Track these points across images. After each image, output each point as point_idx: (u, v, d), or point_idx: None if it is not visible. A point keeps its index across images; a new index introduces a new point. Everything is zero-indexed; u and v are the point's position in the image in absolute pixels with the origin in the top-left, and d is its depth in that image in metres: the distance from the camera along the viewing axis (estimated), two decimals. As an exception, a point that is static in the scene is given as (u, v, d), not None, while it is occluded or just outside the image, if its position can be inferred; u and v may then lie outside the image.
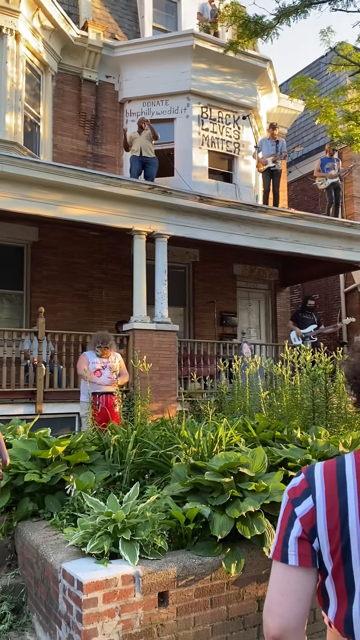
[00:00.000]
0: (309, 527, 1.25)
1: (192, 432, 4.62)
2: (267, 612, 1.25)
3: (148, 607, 3.05)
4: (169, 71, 11.43)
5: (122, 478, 4.50)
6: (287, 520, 1.29)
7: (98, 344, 6.79)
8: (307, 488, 1.29)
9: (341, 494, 1.24)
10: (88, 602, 2.88)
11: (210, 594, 3.27)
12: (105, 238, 10.56)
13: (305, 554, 1.24)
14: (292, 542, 1.25)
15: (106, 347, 6.77)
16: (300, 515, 1.27)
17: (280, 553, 1.27)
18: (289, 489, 1.33)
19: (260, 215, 9.64)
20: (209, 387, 8.73)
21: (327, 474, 1.28)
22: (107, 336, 6.99)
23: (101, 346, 6.75)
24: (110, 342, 6.91)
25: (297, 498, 1.29)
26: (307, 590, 1.24)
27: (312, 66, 16.85)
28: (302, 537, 1.25)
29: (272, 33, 9.55)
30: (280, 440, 4.93)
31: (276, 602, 1.24)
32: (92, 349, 6.91)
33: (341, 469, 1.28)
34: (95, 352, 6.81)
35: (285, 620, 1.22)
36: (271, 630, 1.23)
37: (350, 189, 14.14)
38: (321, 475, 1.29)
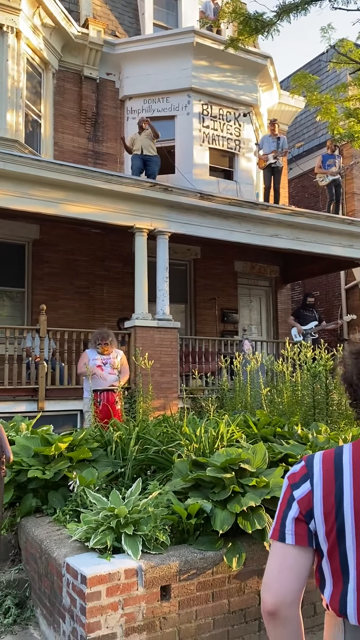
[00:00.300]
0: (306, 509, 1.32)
1: (194, 429, 4.66)
2: (264, 588, 1.31)
3: (151, 601, 3.10)
4: (170, 68, 11.44)
5: (124, 474, 4.54)
6: (285, 502, 1.36)
7: (98, 341, 6.84)
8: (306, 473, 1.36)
9: (337, 479, 1.31)
10: (92, 596, 2.92)
11: (212, 588, 3.32)
12: (106, 235, 10.60)
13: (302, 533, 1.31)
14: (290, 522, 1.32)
15: (106, 343, 6.80)
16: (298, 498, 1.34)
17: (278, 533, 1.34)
18: (289, 474, 1.40)
19: (261, 212, 9.66)
20: (210, 384, 8.77)
21: (325, 461, 1.35)
22: (106, 333, 7.02)
23: (101, 343, 6.79)
24: (110, 338, 6.94)
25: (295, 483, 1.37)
26: (302, 568, 1.30)
27: (313, 63, 16.84)
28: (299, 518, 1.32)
29: (272, 30, 9.55)
30: (281, 437, 4.97)
31: (273, 579, 1.30)
32: (93, 346, 6.95)
33: (339, 457, 1.35)
34: (96, 349, 6.86)
35: (281, 596, 1.28)
36: (267, 605, 1.29)
37: (350, 185, 14.16)
38: (320, 462, 1.36)
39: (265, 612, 1.30)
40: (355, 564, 1.26)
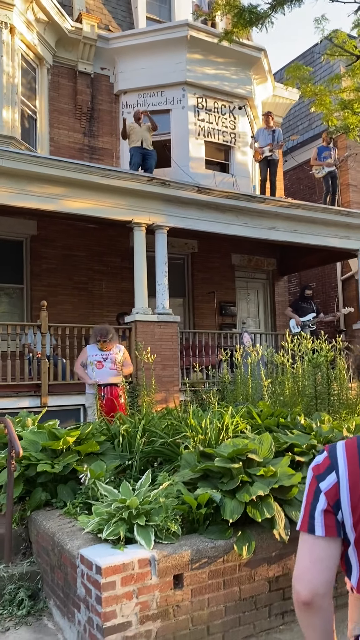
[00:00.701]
0: (334, 501, 1.36)
1: (199, 421, 4.72)
2: (297, 580, 1.35)
3: (164, 589, 3.16)
4: (164, 62, 11.43)
5: (132, 467, 4.60)
6: (312, 494, 1.40)
7: (98, 338, 6.85)
8: (330, 465, 1.39)
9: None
10: (107, 586, 2.98)
11: (223, 576, 3.39)
12: (104, 230, 10.61)
13: (331, 524, 1.35)
14: (319, 515, 1.36)
15: (105, 340, 6.82)
16: (324, 490, 1.37)
17: (307, 525, 1.38)
18: (313, 466, 1.43)
19: (258, 205, 9.70)
20: (211, 377, 8.84)
21: (349, 451, 1.39)
22: (106, 329, 7.02)
23: (100, 339, 6.80)
24: (110, 335, 6.94)
25: (321, 474, 1.40)
26: (333, 558, 1.35)
27: (306, 54, 16.83)
28: (328, 509, 1.36)
29: (267, 22, 9.54)
30: (284, 427, 5.04)
31: (306, 570, 1.34)
32: (94, 342, 6.98)
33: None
34: (97, 345, 6.89)
35: (315, 586, 1.32)
36: (302, 596, 1.33)
37: (345, 177, 14.20)
38: (343, 453, 1.39)
39: (299, 602, 1.34)
40: None
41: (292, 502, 3.66)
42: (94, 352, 6.82)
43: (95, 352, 6.80)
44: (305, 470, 4.04)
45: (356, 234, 10.98)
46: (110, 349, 6.84)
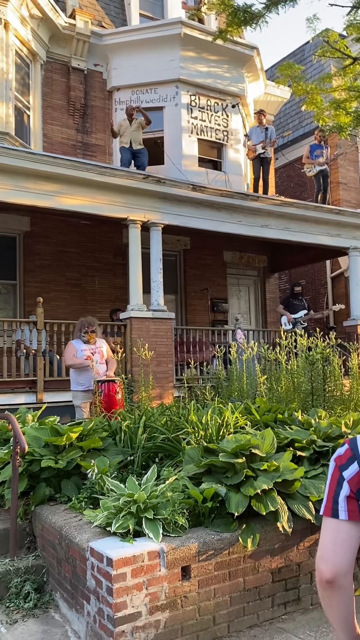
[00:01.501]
0: (357, 488, 1.46)
1: (199, 417, 4.80)
2: (320, 560, 1.46)
3: (172, 581, 3.25)
4: (158, 59, 11.46)
5: (134, 462, 4.67)
6: (335, 482, 1.51)
7: (85, 329, 6.83)
8: (352, 455, 1.50)
9: None
10: (118, 577, 3.06)
11: (229, 567, 3.48)
12: (97, 227, 10.64)
13: (354, 509, 1.45)
14: (342, 501, 1.47)
15: (92, 330, 6.84)
16: (347, 478, 1.48)
17: (330, 510, 1.48)
18: (335, 457, 1.55)
19: (251, 203, 9.80)
20: (205, 373, 8.93)
21: None
22: (92, 320, 7.03)
23: (87, 331, 6.80)
24: (95, 325, 6.98)
25: (343, 464, 1.51)
26: (355, 540, 1.46)
27: (297, 52, 16.94)
28: (351, 496, 1.46)
29: (261, 21, 9.62)
30: (282, 423, 5.14)
31: (330, 551, 1.45)
32: (78, 336, 6.93)
33: None
34: (82, 338, 6.84)
35: (338, 566, 1.43)
36: (325, 574, 1.44)
37: (335, 175, 14.34)
38: None
39: (323, 581, 1.44)
40: None
41: (295, 495, 3.76)
42: (80, 346, 6.79)
43: (83, 347, 6.78)
44: (306, 465, 4.14)
45: (347, 232, 11.13)
46: (94, 342, 6.85)
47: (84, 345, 6.80)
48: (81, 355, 6.70)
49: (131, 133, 10.19)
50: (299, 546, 3.80)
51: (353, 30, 10.39)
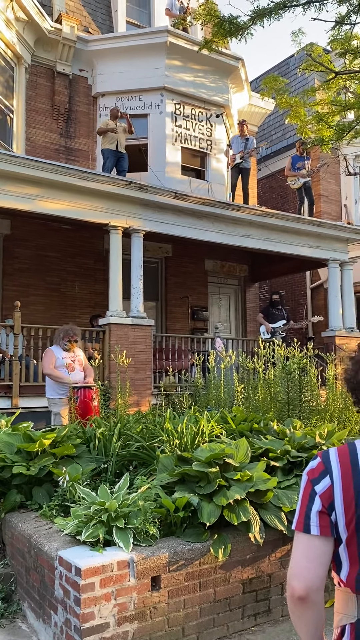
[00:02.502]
0: (328, 503, 1.45)
1: (175, 425, 4.77)
2: (292, 576, 1.45)
3: (142, 591, 3.21)
4: (143, 67, 11.49)
5: (107, 470, 4.63)
6: (307, 497, 1.49)
7: (68, 337, 6.74)
8: (324, 469, 1.49)
9: (355, 473, 1.45)
10: (86, 587, 3.01)
11: (199, 578, 3.45)
12: (78, 232, 10.59)
13: (325, 525, 1.44)
14: (314, 516, 1.45)
15: (76, 340, 6.78)
16: (319, 492, 1.47)
17: (303, 525, 1.47)
18: (308, 470, 1.53)
19: (233, 213, 9.84)
20: (183, 381, 8.91)
21: (341, 457, 1.49)
22: (77, 328, 6.98)
23: (71, 340, 6.74)
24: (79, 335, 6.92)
25: (315, 478, 1.49)
26: (326, 556, 1.45)
27: (282, 65, 17.13)
28: (322, 511, 1.45)
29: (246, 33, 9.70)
30: (258, 432, 5.14)
31: (302, 567, 1.44)
32: (58, 343, 6.82)
33: (354, 453, 1.49)
34: (63, 346, 6.74)
35: (310, 582, 1.42)
36: (298, 591, 1.42)
37: (317, 187, 14.49)
38: (336, 458, 1.49)
39: (295, 598, 1.43)
40: None
41: (267, 506, 3.75)
42: (61, 354, 6.68)
43: (63, 354, 6.69)
44: (280, 475, 4.14)
45: (327, 244, 11.23)
46: (73, 351, 6.78)
47: (64, 353, 6.70)
48: (61, 363, 6.59)
49: (118, 136, 10.19)
50: (270, 557, 3.79)
51: (337, 45, 10.53)
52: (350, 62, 11.04)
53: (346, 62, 11.12)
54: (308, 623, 1.44)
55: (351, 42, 10.64)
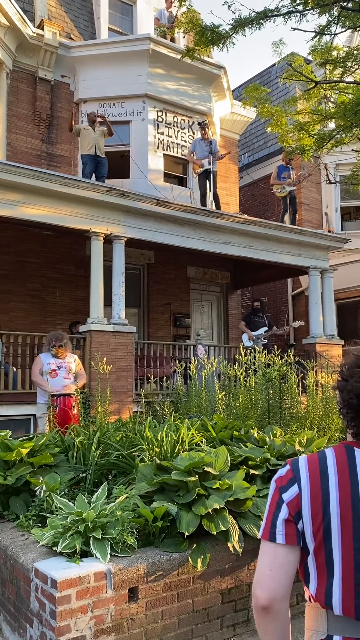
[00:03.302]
0: (295, 511, 1.43)
1: (155, 433, 4.74)
2: (257, 585, 1.42)
3: (119, 603, 3.16)
4: (125, 74, 11.51)
5: (86, 479, 4.58)
6: (274, 505, 1.47)
7: (52, 343, 6.75)
8: (293, 477, 1.47)
9: (323, 482, 1.42)
10: (62, 600, 2.96)
11: (178, 589, 3.41)
12: (59, 238, 10.53)
13: (291, 533, 1.42)
14: (280, 524, 1.43)
15: (60, 345, 6.75)
16: (287, 500, 1.44)
17: (269, 533, 1.44)
18: (276, 478, 1.51)
19: (215, 220, 9.87)
20: (165, 388, 8.87)
21: (310, 465, 1.46)
22: (61, 334, 6.97)
23: (55, 345, 6.72)
24: (64, 340, 6.89)
25: (283, 486, 1.47)
26: (292, 565, 1.42)
27: (264, 74, 17.28)
28: (289, 519, 1.43)
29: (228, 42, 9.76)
30: (238, 440, 5.12)
31: (266, 576, 1.41)
32: (47, 349, 6.86)
33: (323, 461, 1.46)
34: (50, 351, 6.77)
35: (274, 592, 1.39)
36: (261, 600, 1.39)
37: (298, 196, 14.60)
38: (305, 466, 1.47)
39: (258, 607, 1.40)
40: (340, 561, 1.38)
41: (247, 515, 3.74)
42: (48, 360, 6.71)
43: (50, 360, 6.70)
44: (259, 484, 4.13)
45: (308, 252, 11.31)
46: (64, 357, 6.77)
47: (52, 359, 6.70)
48: (47, 369, 6.60)
49: (96, 139, 10.15)
50: (249, 566, 3.77)
51: (317, 55, 10.65)
52: (330, 72, 11.16)
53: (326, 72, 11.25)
54: (274, 633, 1.41)
55: (331, 52, 10.78)
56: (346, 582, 1.37)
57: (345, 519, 1.38)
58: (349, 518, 1.38)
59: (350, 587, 1.37)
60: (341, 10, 9.16)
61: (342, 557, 1.38)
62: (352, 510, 1.38)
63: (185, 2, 9.41)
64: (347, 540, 1.38)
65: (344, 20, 9.52)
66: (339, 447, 1.49)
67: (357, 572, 1.36)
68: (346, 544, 1.38)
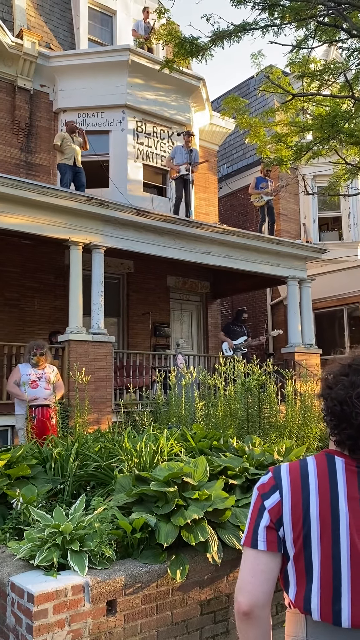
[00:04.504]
0: (276, 518, 1.45)
1: (133, 444, 4.72)
2: (238, 591, 1.43)
3: (97, 616, 3.12)
4: (105, 84, 11.54)
5: (64, 491, 4.53)
6: (257, 512, 1.48)
7: (33, 351, 6.70)
8: (275, 484, 1.49)
9: (304, 490, 1.44)
10: (39, 614, 2.91)
11: (156, 601, 3.38)
12: (37, 247, 10.47)
13: (272, 540, 1.44)
14: (262, 531, 1.45)
15: (42, 353, 6.70)
16: (268, 508, 1.46)
17: (250, 540, 1.46)
18: (259, 485, 1.53)
19: (194, 230, 9.91)
20: (144, 398, 8.84)
21: (292, 473, 1.48)
22: (42, 343, 6.94)
23: (37, 353, 6.66)
24: (45, 348, 6.85)
25: (265, 493, 1.49)
26: (273, 572, 1.44)
27: (243, 85, 17.48)
28: (270, 526, 1.45)
29: (206, 54, 9.86)
30: (217, 449, 5.12)
31: (247, 582, 1.42)
32: (27, 359, 6.80)
33: (304, 469, 1.48)
34: (30, 361, 6.70)
35: (255, 597, 1.40)
36: (242, 606, 1.41)
37: (277, 207, 14.75)
38: (287, 474, 1.49)
39: (240, 613, 1.41)
40: (319, 567, 1.40)
41: (226, 525, 3.73)
42: (27, 371, 6.65)
43: (29, 371, 6.64)
44: (238, 493, 4.13)
45: (286, 262, 11.42)
46: (44, 367, 6.72)
47: (31, 370, 6.63)
48: (26, 379, 6.53)
49: (73, 149, 10.16)
50: (228, 577, 3.75)
51: (295, 68, 10.80)
52: (308, 85, 11.33)
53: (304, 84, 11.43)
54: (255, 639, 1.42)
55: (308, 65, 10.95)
56: (325, 588, 1.39)
57: (325, 526, 1.40)
58: (329, 525, 1.40)
59: (329, 593, 1.39)
60: (318, 25, 9.33)
61: (321, 564, 1.40)
62: (331, 517, 1.40)
63: (164, 15, 9.48)
64: (326, 547, 1.40)
65: (320, 35, 9.70)
66: (321, 455, 1.52)
67: (336, 579, 1.38)
68: (325, 551, 1.40)
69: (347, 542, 1.38)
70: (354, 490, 1.42)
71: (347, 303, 13.23)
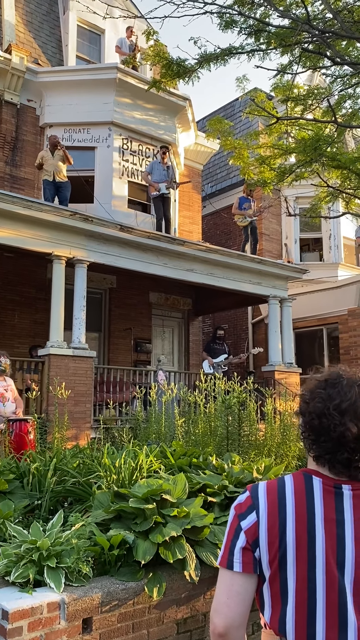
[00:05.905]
0: (252, 539, 1.44)
1: (113, 460, 4.69)
2: (214, 613, 1.43)
3: (72, 634, 3.09)
4: (92, 101, 11.64)
5: (42, 506, 4.48)
6: (233, 532, 1.48)
7: None
8: (252, 504, 1.48)
9: (281, 511, 1.44)
10: (13, 632, 2.87)
11: (133, 619, 3.36)
12: (19, 260, 10.43)
13: (248, 561, 1.43)
14: (237, 552, 1.44)
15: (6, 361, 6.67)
16: (245, 528, 1.46)
17: (226, 561, 1.45)
18: (236, 504, 1.52)
19: (177, 247, 9.98)
20: (124, 414, 8.81)
21: (269, 493, 1.48)
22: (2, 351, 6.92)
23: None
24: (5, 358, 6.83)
25: (242, 513, 1.48)
26: (249, 593, 1.43)
27: (228, 107, 17.76)
28: (246, 547, 1.44)
29: (193, 76, 10.03)
30: (197, 467, 5.12)
31: (222, 604, 1.42)
32: None
33: (282, 489, 1.48)
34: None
35: (230, 619, 1.40)
36: (218, 628, 1.41)
37: (259, 227, 14.92)
38: (264, 494, 1.48)
39: (216, 634, 1.41)
40: (294, 589, 1.40)
41: (204, 542, 3.73)
42: None
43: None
44: (217, 511, 4.13)
45: (267, 281, 11.54)
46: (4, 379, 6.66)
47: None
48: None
49: (54, 164, 10.18)
50: (205, 595, 3.74)
51: (279, 92, 11.02)
52: (291, 109, 11.57)
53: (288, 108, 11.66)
54: None
55: (293, 90, 11.18)
56: (300, 610, 1.39)
57: (301, 548, 1.40)
58: (305, 548, 1.40)
59: (304, 615, 1.38)
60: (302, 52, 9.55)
61: (297, 586, 1.39)
62: (307, 540, 1.40)
63: (152, 36, 9.62)
64: (301, 570, 1.39)
65: (304, 61, 9.93)
66: (298, 475, 1.50)
67: (311, 602, 1.38)
68: (300, 574, 1.39)
69: (323, 564, 1.38)
70: (330, 512, 1.42)
71: (327, 323, 13.38)
